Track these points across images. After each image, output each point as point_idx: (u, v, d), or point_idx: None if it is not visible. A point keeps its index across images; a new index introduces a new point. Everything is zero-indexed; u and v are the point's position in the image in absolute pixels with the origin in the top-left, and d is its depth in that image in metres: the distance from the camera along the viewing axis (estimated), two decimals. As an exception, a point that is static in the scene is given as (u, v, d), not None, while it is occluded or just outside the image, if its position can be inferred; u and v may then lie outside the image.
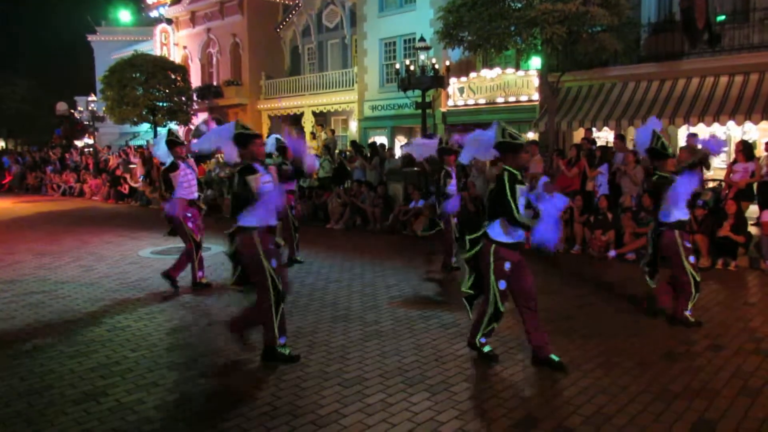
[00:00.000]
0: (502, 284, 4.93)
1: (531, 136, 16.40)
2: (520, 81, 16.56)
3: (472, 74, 17.64)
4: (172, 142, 7.77)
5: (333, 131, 20.76)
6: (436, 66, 15.82)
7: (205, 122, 7.39)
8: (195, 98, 27.02)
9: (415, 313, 6.67)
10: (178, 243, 11.40)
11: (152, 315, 6.63)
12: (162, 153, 7.80)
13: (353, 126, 23.37)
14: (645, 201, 9.77)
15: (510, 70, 16.86)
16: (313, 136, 21.20)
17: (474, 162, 13.41)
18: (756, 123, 12.54)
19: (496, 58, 16.18)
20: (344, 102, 23.28)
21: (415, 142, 9.78)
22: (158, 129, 24.73)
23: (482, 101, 17.39)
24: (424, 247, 11.08)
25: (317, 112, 24.30)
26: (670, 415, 4.13)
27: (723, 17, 13.42)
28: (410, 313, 6.67)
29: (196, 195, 7.96)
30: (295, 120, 25.58)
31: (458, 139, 10.96)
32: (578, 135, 14.46)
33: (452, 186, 8.62)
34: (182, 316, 6.59)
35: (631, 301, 7.14)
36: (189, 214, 7.86)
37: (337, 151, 17.63)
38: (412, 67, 15.78)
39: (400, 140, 21.27)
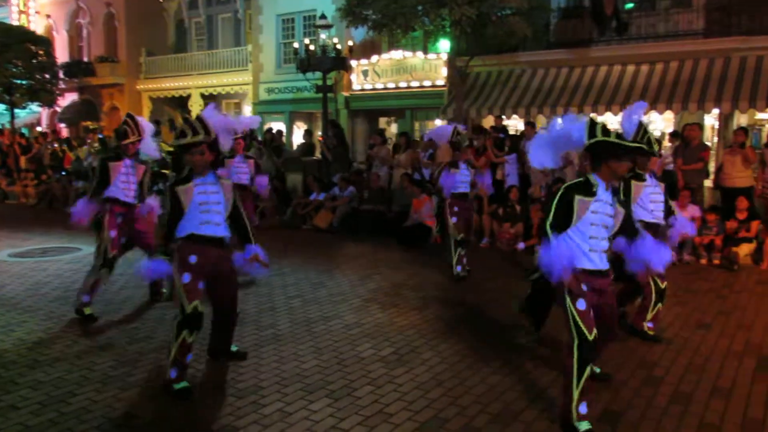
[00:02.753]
0: None
1: (439, 123, 16.78)
2: (427, 65, 16.89)
3: (378, 56, 17.80)
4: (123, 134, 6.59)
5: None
6: (339, 46, 15.83)
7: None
8: (62, 75, 25.51)
9: (315, 314, 6.69)
10: (41, 243, 10.82)
11: (9, 328, 6.23)
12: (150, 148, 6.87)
13: (247, 110, 22.95)
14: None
15: (418, 53, 17.16)
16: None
17: (377, 151, 13.60)
18: (661, 113, 13.47)
19: (403, 39, 16.40)
20: (237, 84, 22.81)
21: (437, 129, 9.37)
22: (15, 111, 23.17)
23: (389, 85, 17.60)
24: (329, 243, 11.13)
25: (206, 94, 23.65)
26: (577, 410, 4.40)
27: (631, 5, 14.32)
28: (309, 314, 6.68)
29: (132, 200, 6.74)
30: (181, 103, 24.79)
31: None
32: (488, 122, 14.96)
33: (449, 178, 8.22)
34: (46, 328, 6.24)
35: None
36: (119, 219, 6.69)
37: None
38: (312, 47, 15.70)
39: (299, 126, 21.15)
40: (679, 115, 13.60)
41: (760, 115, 13.71)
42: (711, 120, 14.28)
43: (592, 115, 4.19)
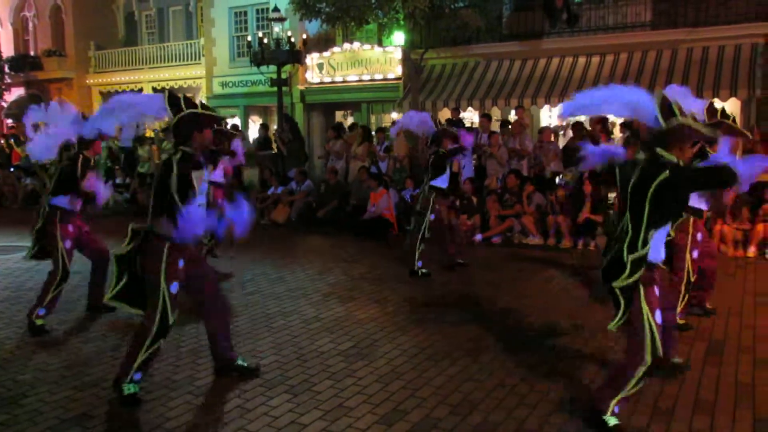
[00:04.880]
0: None
1: (395, 116, 16.78)
2: (382, 57, 16.85)
3: (332, 49, 17.68)
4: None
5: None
6: (293, 39, 15.67)
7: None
8: (7, 70, 24.75)
9: (274, 309, 6.63)
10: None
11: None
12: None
13: (201, 104, 22.60)
14: (509, 182, 10.41)
15: (371, 46, 17.10)
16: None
17: (332, 145, 13.51)
18: (612, 103, 13.73)
19: (357, 32, 16.33)
20: (190, 77, 22.41)
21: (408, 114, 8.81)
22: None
23: (343, 79, 17.51)
24: (287, 237, 11.04)
25: (158, 88, 23.16)
26: (534, 396, 4.46)
27: (580, -3, 14.54)
28: (268, 309, 6.62)
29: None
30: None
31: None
32: (444, 115, 15.01)
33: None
34: (-4, 328, 6.06)
35: (498, 286, 7.58)
36: (70, 227, 6.05)
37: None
38: (265, 40, 15.53)
39: (255, 120, 20.90)
40: (629, 106, 13.86)
41: (706, 106, 14.08)
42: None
43: (663, 92, 3.38)
